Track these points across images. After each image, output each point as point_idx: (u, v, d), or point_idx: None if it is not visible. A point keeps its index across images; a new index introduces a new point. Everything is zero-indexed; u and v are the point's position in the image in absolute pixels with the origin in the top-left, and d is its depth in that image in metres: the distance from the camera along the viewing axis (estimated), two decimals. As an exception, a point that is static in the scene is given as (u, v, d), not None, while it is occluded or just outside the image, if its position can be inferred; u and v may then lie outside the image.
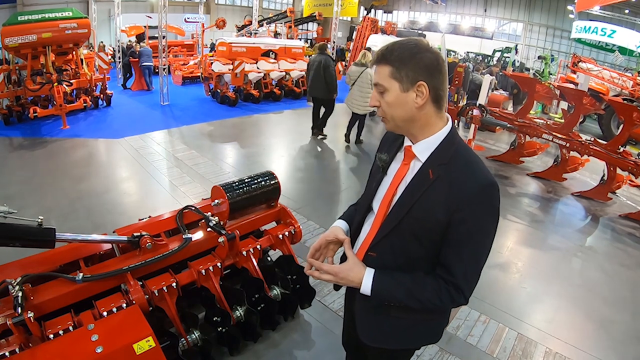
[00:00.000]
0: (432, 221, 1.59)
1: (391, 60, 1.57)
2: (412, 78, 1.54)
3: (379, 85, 1.61)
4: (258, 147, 9.55)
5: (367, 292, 1.67)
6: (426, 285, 1.64)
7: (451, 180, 1.57)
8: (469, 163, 1.61)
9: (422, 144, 1.66)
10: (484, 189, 1.55)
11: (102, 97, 12.35)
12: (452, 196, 1.55)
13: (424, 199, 1.61)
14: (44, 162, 7.61)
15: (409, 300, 1.66)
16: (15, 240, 2.56)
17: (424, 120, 1.63)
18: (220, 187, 3.45)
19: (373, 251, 1.78)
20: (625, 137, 7.67)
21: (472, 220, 1.56)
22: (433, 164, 1.62)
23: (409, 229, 1.66)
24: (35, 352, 2.22)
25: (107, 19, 27.13)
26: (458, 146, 1.65)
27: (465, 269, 1.62)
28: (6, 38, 9.37)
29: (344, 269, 1.71)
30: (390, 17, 44.34)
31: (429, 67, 1.55)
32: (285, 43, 16.84)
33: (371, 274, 1.68)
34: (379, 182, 1.84)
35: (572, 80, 16.29)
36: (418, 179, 1.65)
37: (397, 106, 1.60)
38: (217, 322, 3.27)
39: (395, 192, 1.73)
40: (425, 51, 1.55)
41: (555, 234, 6.26)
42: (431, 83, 1.55)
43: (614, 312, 4.53)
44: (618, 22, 23.73)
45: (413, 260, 1.71)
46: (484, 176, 1.57)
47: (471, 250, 1.61)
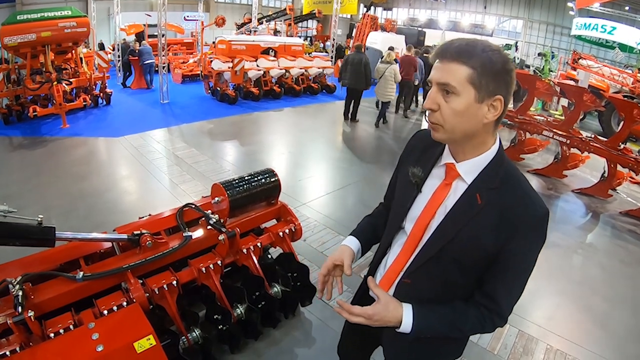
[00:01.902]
0: (479, 250, 1.46)
1: (474, 62, 1.32)
2: (492, 90, 1.34)
3: (449, 85, 1.35)
4: (258, 145, 9.55)
5: (408, 330, 1.53)
6: (469, 316, 1.55)
7: (504, 209, 1.42)
8: (522, 189, 1.46)
9: (469, 164, 1.49)
10: (540, 220, 1.43)
11: (102, 96, 12.34)
12: (505, 226, 1.41)
13: (472, 226, 1.45)
14: (44, 161, 7.61)
15: (451, 333, 1.57)
16: (15, 239, 2.56)
17: (482, 138, 1.46)
18: (220, 185, 3.45)
19: (408, 278, 1.64)
20: (626, 134, 7.65)
21: (525, 250, 1.46)
22: (481, 187, 1.46)
23: (450, 256, 1.52)
24: (35, 351, 2.22)
25: (107, 17, 27.09)
26: (508, 168, 1.49)
27: (512, 297, 1.55)
28: (5, 37, 9.35)
29: (379, 310, 1.53)
30: (390, 14, 44.27)
31: (509, 83, 1.37)
32: (284, 41, 16.85)
33: (410, 311, 1.54)
34: (412, 201, 1.65)
35: (572, 77, 16.30)
36: (464, 203, 1.48)
37: (464, 116, 1.37)
38: (217, 320, 3.27)
39: (434, 215, 1.56)
40: (509, 64, 1.36)
41: (555, 231, 6.25)
42: (506, 100, 1.38)
43: (614, 309, 4.53)
44: (618, 19, 23.68)
45: (450, 287, 1.59)
46: (540, 206, 1.43)
47: (518, 279, 1.53)
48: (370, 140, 10.92)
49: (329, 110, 14.16)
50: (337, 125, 12.36)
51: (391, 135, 11.60)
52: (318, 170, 8.26)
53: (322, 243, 5.18)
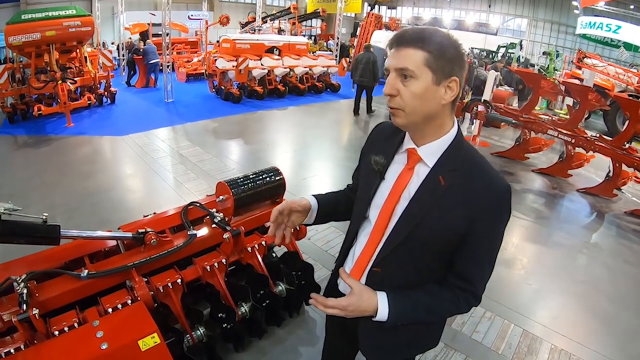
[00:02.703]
0: (447, 231, 1.48)
1: (430, 46, 1.37)
2: (448, 71, 1.39)
3: (407, 70, 1.39)
4: (262, 144, 9.57)
5: (384, 319, 1.53)
6: (444, 299, 1.57)
7: (468, 188, 1.45)
8: (483, 169, 1.49)
9: (430, 147, 1.51)
10: (504, 194, 1.47)
11: (106, 95, 12.37)
12: (471, 204, 1.44)
13: (438, 208, 1.47)
14: (49, 160, 7.63)
15: (428, 317, 1.60)
16: (20, 238, 2.56)
17: (441, 120, 1.49)
18: (225, 183, 3.44)
19: (378, 267, 1.64)
20: (631, 133, 7.61)
21: (492, 226, 1.50)
22: (443, 169, 1.49)
23: (419, 241, 1.53)
24: (40, 349, 2.22)
25: (111, 16, 27.14)
26: (467, 149, 1.53)
27: (483, 276, 1.58)
28: (10, 36, 9.38)
29: (353, 300, 1.54)
30: (394, 13, 44.24)
31: (464, 65, 1.43)
32: (289, 39, 16.82)
33: (385, 299, 1.54)
34: (375, 189, 1.66)
35: (577, 76, 16.24)
36: (427, 186, 1.50)
37: (422, 98, 1.41)
38: (222, 318, 3.27)
39: (398, 200, 1.56)
40: (460, 46, 1.43)
41: (560, 231, 6.24)
42: (462, 80, 1.43)
43: (618, 309, 4.51)
44: (623, 18, 23.56)
45: (422, 272, 1.60)
46: (501, 183, 1.47)
47: (488, 256, 1.57)
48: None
49: (333, 109, 14.17)
50: (341, 123, 12.37)
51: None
52: (322, 168, 8.26)
53: (326, 242, 5.18)
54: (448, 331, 3.87)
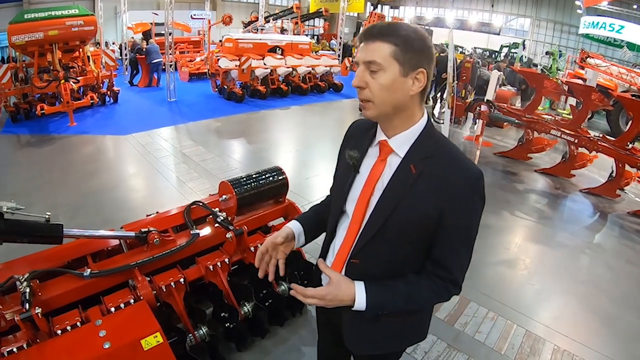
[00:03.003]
0: (421, 219, 1.51)
1: (397, 39, 1.42)
2: (415, 63, 1.43)
3: (375, 63, 1.43)
4: (265, 143, 9.57)
5: (362, 307, 1.56)
6: (422, 287, 1.57)
7: (438, 175, 1.48)
8: (454, 156, 1.52)
9: (400, 138, 1.55)
10: (474, 180, 1.49)
11: (109, 94, 12.40)
12: (442, 190, 1.47)
13: (410, 196, 1.50)
14: (52, 159, 7.64)
15: (407, 306, 1.60)
16: (23, 237, 2.56)
17: (411, 111, 1.52)
18: (227, 183, 3.45)
19: (356, 258, 1.66)
20: (634, 133, 7.59)
21: (464, 212, 1.51)
22: (414, 158, 1.52)
23: (395, 230, 1.55)
24: (42, 348, 2.22)
25: (114, 16, 27.17)
26: (438, 138, 1.57)
27: (461, 263, 1.58)
28: (13, 36, 9.41)
29: (331, 289, 1.56)
30: (397, 12, 44.22)
31: (431, 56, 1.47)
32: (291, 39, 16.83)
33: (362, 288, 1.56)
34: (351, 183, 1.69)
35: (580, 76, 16.19)
36: (399, 175, 1.54)
37: (390, 90, 1.45)
38: (224, 317, 3.27)
39: (372, 192, 1.59)
40: (428, 39, 1.47)
41: (563, 231, 6.23)
42: (429, 73, 1.48)
43: (621, 310, 4.50)
44: (626, 18, 23.47)
45: (399, 262, 1.62)
46: (472, 169, 1.50)
47: (464, 243, 1.57)
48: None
49: (336, 109, 14.17)
50: (344, 123, 12.32)
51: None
52: (325, 168, 8.24)
53: (328, 241, 5.16)
54: (450, 331, 3.87)
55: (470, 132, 11.76)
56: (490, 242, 5.65)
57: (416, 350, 3.59)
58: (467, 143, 10.59)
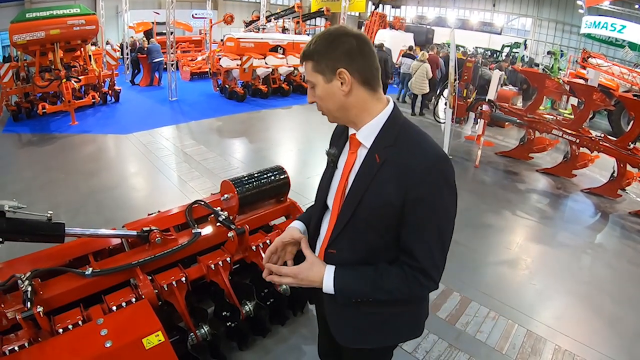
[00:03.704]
0: (386, 206, 1.53)
1: (311, 55, 1.55)
2: (331, 67, 1.51)
3: (309, 81, 1.60)
4: (267, 142, 9.58)
5: (330, 290, 1.62)
6: (390, 274, 1.57)
7: (399, 161, 1.51)
8: (415, 141, 1.55)
9: (365, 130, 1.61)
10: (434, 164, 1.48)
11: (111, 93, 12.42)
12: (402, 177, 1.49)
13: (374, 184, 1.55)
14: (53, 158, 7.65)
15: (375, 293, 1.59)
16: (24, 235, 2.57)
17: (359, 106, 1.58)
18: (229, 182, 3.45)
19: (332, 248, 1.73)
20: (636, 133, 7.58)
21: (427, 198, 1.49)
22: (379, 147, 1.57)
23: (364, 219, 1.59)
24: (44, 347, 2.23)
25: (115, 15, 27.18)
26: (403, 126, 1.60)
27: (429, 251, 1.54)
28: (14, 35, 9.42)
29: (303, 268, 1.68)
30: (399, 12, 44.20)
31: (347, 52, 1.50)
32: (293, 38, 16.82)
33: (332, 271, 1.63)
34: (331, 178, 1.80)
35: (581, 75, 16.17)
36: (365, 165, 1.60)
37: (327, 98, 1.58)
38: (226, 316, 3.27)
39: (346, 183, 1.67)
40: (342, 36, 1.52)
41: (564, 231, 6.22)
42: (353, 67, 1.51)
43: (622, 310, 4.49)
44: (628, 18, 23.48)
45: (373, 252, 1.64)
46: (432, 151, 1.51)
47: (432, 230, 1.53)
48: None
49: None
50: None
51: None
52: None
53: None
54: (452, 331, 3.87)
55: (471, 131, 11.76)
56: (491, 242, 5.65)
57: (417, 349, 3.59)
58: (469, 143, 10.58)
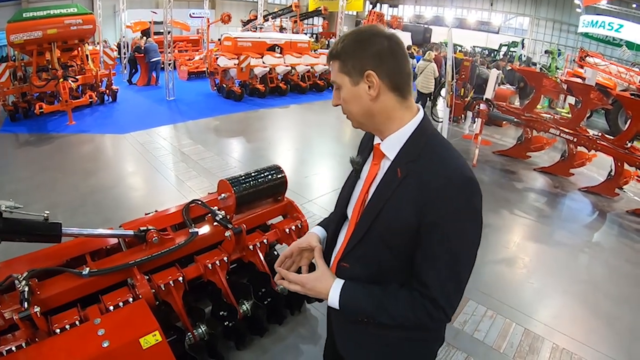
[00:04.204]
0: (401, 225, 1.42)
1: (338, 54, 1.45)
2: (359, 69, 1.41)
3: (335, 82, 1.51)
4: (264, 142, 9.57)
5: (335, 304, 1.54)
6: (399, 298, 1.46)
7: (420, 178, 1.39)
8: (440, 157, 1.42)
9: (389, 140, 1.50)
10: (459, 186, 1.35)
11: (108, 93, 12.36)
12: (421, 196, 1.37)
13: (393, 200, 1.44)
14: (50, 158, 7.63)
15: (379, 314, 1.48)
16: (21, 235, 2.56)
17: (386, 113, 1.47)
18: (226, 181, 3.44)
19: (345, 261, 1.62)
20: (633, 132, 7.60)
21: (446, 223, 1.36)
22: (401, 161, 1.46)
23: (378, 235, 1.49)
24: (41, 347, 2.22)
25: (112, 14, 27.12)
26: (430, 138, 1.47)
27: (442, 280, 1.41)
28: (11, 35, 9.38)
29: (311, 278, 1.59)
30: (396, 11, 44.22)
31: (378, 54, 1.39)
32: (290, 37, 16.85)
33: (339, 285, 1.54)
34: (352, 187, 1.69)
35: (579, 74, 16.21)
36: (386, 178, 1.49)
37: (352, 101, 1.48)
38: (223, 316, 3.27)
39: (366, 196, 1.56)
40: (373, 36, 1.41)
41: (562, 230, 6.23)
42: (382, 70, 1.40)
43: (620, 309, 4.50)
44: (625, 17, 23.54)
45: (386, 271, 1.53)
46: (458, 171, 1.37)
47: (448, 259, 1.40)
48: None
49: (334, 107, 14.03)
50: (343, 122, 12.31)
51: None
52: (324, 167, 8.26)
53: (327, 240, 5.16)
54: (450, 329, 3.86)
55: (469, 130, 11.77)
56: (489, 241, 5.65)
57: (415, 348, 3.59)
58: (466, 142, 10.59)
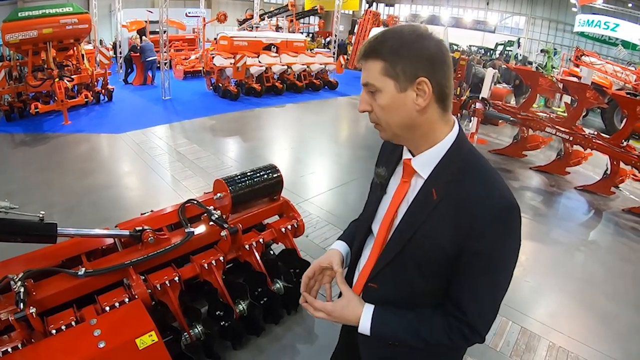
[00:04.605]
0: (437, 251, 1.33)
1: (383, 53, 1.26)
2: (410, 74, 1.24)
3: (370, 85, 1.31)
4: (260, 141, 9.56)
5: (366, 331, 1.44)
6: (434, 325, 1.39)
7: (460, 203, 1.29)
8: (482, 180, 1.32)
9: (424, 157, 1.38)
10: (504, 214, 1.27)
11: (104, 92, 12.33)
12: (462, 223, 1.28)
13: (428, 224, 1.34)
14: (46, 158, 7.61)
15: (413, 340, 1.41)
16: (16, 236, 2.56)
17: (427, 127, 1.34)
18: (222, 181, 3.44)
19: (374, 282, 1.53)
20: (629, 131, 7.63)
21: (488, 251, 1.28)
22: (437, 181, 1.34)
23: (411, 259, 1.40)
24: (37, 348, 2.22)
25: (108, 14, 27.05)
26: (467, 156, 1.36)
27: (481, 306, 1.36)
28: (7, 34, 9.33)
29: (338, 307, 1.48)
30: (392, 10, 44.22)
31: (431, 59, 1.25)
32: (286, 37, 16.81)
33: (370, 311, 1.45)
34: (378, 202, 1.57)
35: (575, 73, 16.25)
36: (420, 200, 1.38)
37: (394, 110, 1.30)
38: (219, 316, 3.26)
39: (395, 214, 1.46)
40: (425, 39, 1.25)
41: (558, 228, 6.25)
42: (435, 78, 1.25)
43: (616, 307, 4.52)
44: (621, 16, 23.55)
45: (417, 294, 1.46)
46: (501, 197, 1.28)
47: (487, 286, 1.35)
48: (374, 136, 10.91)
49: (331, 106, 14.17)
50: (339, 121, 12.37)
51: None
52: (320, 166, 8.25)
53: (324, 239, 5.18)
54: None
55: (465, 129, 11.75)
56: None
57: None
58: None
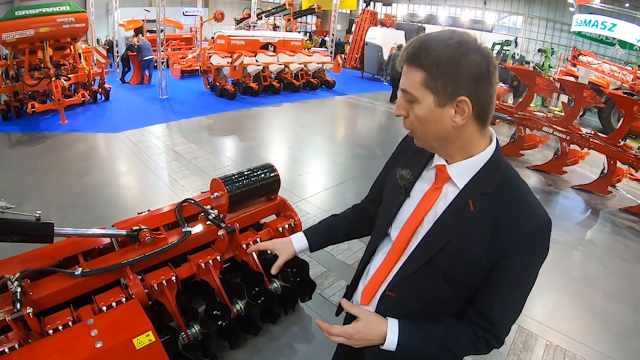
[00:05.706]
0: (470, 263, 1.32)
1: (426, 64, 1.20)
2: (451, 91, 1.20)
3: (408, 93, 1.27)
4: (257, 140, 9.55)
5: (392, 348, 1.39)
6: (461, 336, 1.39)
7: (498, 217, 1.27)
8: (520, 196, 1.31)
9: (460, 166, 1.35)
10: (541, 231, 1.29)
11: (101, 92, 12.32)
12: (499, 237, 1.27)
13: (462, 236, 1.31)
14: (43, 157, 7.59)
15: (440, 352, 1.40)
16: (12, 236, 2.54)
17: (464, 140, 1.31)
18: (219, 180, 3.43)
19: (392, 291, 1.49)
20: (626, 130, 7.65)
21: (522, 265, 1.30)
22: (474, 192, 1.31)
23: (439, 269, 1.37)
24: (34, 348, 2.21)
25: (105, 13, 27.00)
26: (505, 172, 1.34)
27: (507, 318, 1.39)
28: (3, 33, 9.29)
29: (359, 328, 1.41)
30: (390, 9, 44.20)
31: (475, 77, 1.20)
32: (284, 36, 16.80)
33: (395, 327, 1.40)
34: (399, 206, 1.51)
35: (572, 73, 16.28)
36: (455, 210, 1.34)
37: (430, 123, 1.27)
38: (217, 315, 3.26)
39: (421, 221, 1.41)
40: (472, 53, 1.19)
41: (555, 227, 6.08)
42: (476, 97, 1.22)
43: (614, 306, 4.53)
44: (618, 16, 23.65)
45: (438, 302, 1.44)
46: (539, 214, 1.28)
47: (516, 298, 1.36)
48: (371, 135, 10.92)
49: (328, 106, 14.17)
50: (336, 120, 12.36)
51: (391, 129, 11.56)
52: (317, 165, 8.25)
53: (321, 239, 5.16)
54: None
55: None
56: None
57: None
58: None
